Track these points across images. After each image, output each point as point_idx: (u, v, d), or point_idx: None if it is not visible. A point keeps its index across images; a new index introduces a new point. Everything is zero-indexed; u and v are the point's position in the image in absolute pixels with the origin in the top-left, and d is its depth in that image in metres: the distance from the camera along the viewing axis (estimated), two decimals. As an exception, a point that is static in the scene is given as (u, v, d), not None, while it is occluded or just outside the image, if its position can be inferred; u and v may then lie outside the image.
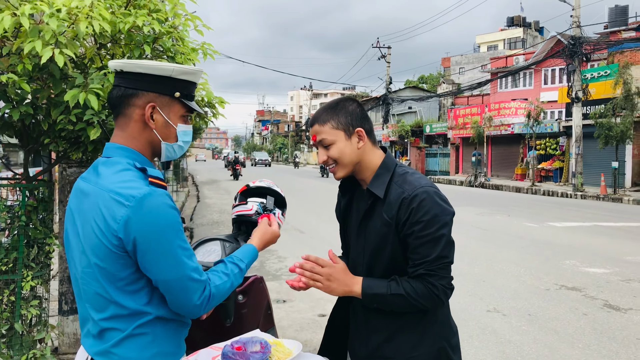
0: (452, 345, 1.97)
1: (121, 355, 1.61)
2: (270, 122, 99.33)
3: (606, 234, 11.70)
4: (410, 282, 1.85)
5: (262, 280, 2.99)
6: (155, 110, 1.69)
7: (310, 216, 14.09)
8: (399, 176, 1.92)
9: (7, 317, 3.31)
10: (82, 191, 1.67)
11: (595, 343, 5.10)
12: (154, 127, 1.70)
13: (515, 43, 57.21)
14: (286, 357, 1.99)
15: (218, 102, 4.39)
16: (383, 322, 1.94)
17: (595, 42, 24.44)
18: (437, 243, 1.81)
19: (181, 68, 1.71)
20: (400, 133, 41.17)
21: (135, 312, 1.61)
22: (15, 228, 3.33)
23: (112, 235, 1.55)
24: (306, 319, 5.80)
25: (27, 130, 3.37)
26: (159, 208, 1.57)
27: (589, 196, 21.47)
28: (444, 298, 1.85)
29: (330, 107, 1.97)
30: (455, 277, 1.93)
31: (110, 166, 1.65)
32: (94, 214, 1.59)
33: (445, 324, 1.97)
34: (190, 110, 1.78)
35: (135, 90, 1.68)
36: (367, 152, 1.96)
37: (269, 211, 2.83)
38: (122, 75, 1.70)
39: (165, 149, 1.75)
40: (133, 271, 1.59)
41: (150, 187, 1.60)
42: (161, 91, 1.69)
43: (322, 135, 1.93)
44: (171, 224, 1.58)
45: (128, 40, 3.04)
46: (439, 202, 1.84)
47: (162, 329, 1.66)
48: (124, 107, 1.69)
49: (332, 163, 1.95)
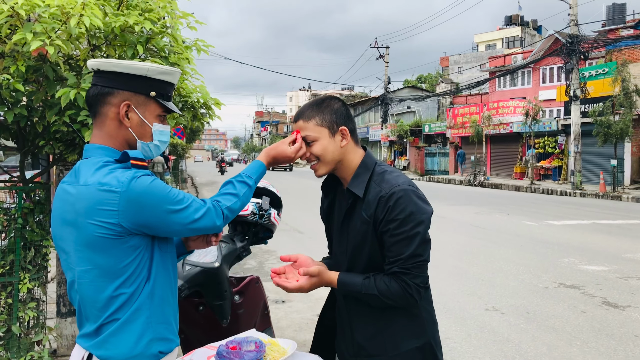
0: (436, 340, 1.99)
1: (117, 345, 1.65)
2: (269, 123, 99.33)
3: (605, 232, 11.71)
4: (385, 280, 1.86)
5: (259, 280, 2.99)
6: (131, 108, 1.73)
7: (309, 217, 14.07)
8: (378, 175, 1.94)
9: (5, 320, 3.32)
10: (67, 193, 1.69)
11: (593, 340, 5.10)
12: (129, 126, 1.73)
13: (514, 42, 57.22)
14: (281, 357, 1.99)
15: (214, 103, 4.39)
16: (367, 321, 1.96)
17: (593, 40, 24.43)
18: (411, 241, 1.82)
19: (157, 68, 1.75)
20: (399, 133, 41.17)
21: (126, 300, 1.66)
22: (12, 230, 3.34)
23: (110, 224, 1.60)
24: (305, 319, 5.81)
25: (22, 132, 3.38)
26: (147, 185, 1.63)
27: (588, 194, 21.48)
28: (417, 297, 1.86)
29: (315, 104, 1.99)
30: (453, 275, 1.94)
31: (89, 165, 1.68)
32: (86, 211, 1.62)
33: (429, 320, 1.98)
34: (167, 110, 1.81)
35: (110, 88, 1.71)
36: (349, 151, 1.98)
37: (264, 211, 2.84)
38: (99, 74, 1.73)
39: (141, 147, 1.78)
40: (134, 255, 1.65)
41: (134, 170, 1.65)
42: (136, 90, 1.73)
43: (306, 132, 1.95)
44: (162, 193, 1.65)
45: (122, 41, 3.05)
46: (416, 201, 1.85)
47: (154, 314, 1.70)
48: (100, 105, 1.73)
49: (314, 160, 1.97)
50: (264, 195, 2.90)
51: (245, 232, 2.89)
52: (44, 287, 3.63)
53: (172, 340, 1.76)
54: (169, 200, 1.65)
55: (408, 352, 1.91)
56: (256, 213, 2.82)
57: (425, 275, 1.88)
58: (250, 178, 1.89)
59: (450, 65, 57.73)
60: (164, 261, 1.75)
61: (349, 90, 71.56)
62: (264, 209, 2.84)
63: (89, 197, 1.61)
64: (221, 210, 1.76)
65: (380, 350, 1.93)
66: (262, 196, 2.89)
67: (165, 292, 1.75)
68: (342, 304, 2.05)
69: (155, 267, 1.71)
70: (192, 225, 1.69)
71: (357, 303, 1.96)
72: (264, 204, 2.86)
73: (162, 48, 3.28)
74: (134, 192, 1.60)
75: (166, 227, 1.67)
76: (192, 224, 1.69)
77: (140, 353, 1.66)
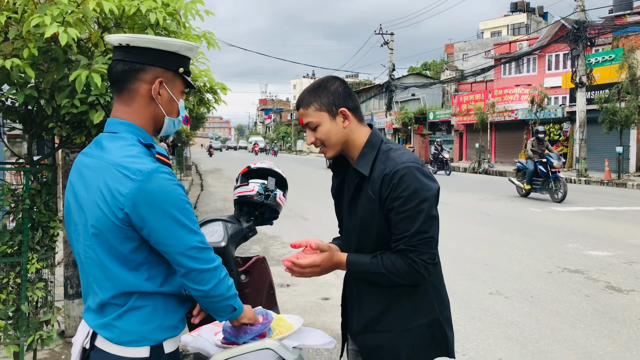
0: (445, 317, 2.00)
1: (122, 328, 1.64)
2: (273, 111, 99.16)
3: (610, 218, 11.70)
4: (392, 258, 1.87)
5: (265, 260, 3.01)
6: (162, 85, 1.72)
7: (314, 203, 14.12)
8: (383, 153, 1.94)
9: (14, 299, 3.36)
10: (86, 165, 1.68)
11: (596, 323, 5.13)
12: (160, 102, 1.73)
13: (519, 29, 56.75)
14: (287, 331, 2.02)
15: (220, 88, 4.40)
16: (375, 298, 1.97)
17: (600, 27, 24.22)
18: (416, 218, 1.83)
19: (186, 44, 1.76)
20: (403, 120, 41.04)
21: (135, 287, 1.63)
22: (19, 211, 3.37)
23: (117, 209, 1.57)
24: (310, 302, 5.85)
25: (30, 114, 3.40)
26: (165, 184, 1.60)
27: (593, 181, 21.42)
28: (424, 273, 1.87)
29: (313, 89, 1.98)
30: (458, 260, 1.95)
31: (115, 141, 1.67)
32: (99, 187, 1.60)
33: (437, 297, 1.99)
34: (189, 85, 1.82)
35: (142, 65, 1.70)
36: (354, 131, 1.98)
37: (270, 192, 2.86)
38: (128, 50, 1.71)
39: (167, 123, 1.78)
40: (134, 247, 1.62)
41: (157, 164, 1.63)
42: (167, 66, 1.73)
43: (308, 118, 1.96)
44: (177, 199, 1.61)
45: (132, 24, 3.05)
46: (420, 178, 1.85)
47: (163, 303, 1.69)
48: (130, 81, 1.70)
49: (320, 144, 1.98)
50: (270, 176, 2.92)
51: (251, 212, 2.91)
52: (52, 268, 3.67)
53: (178, 328, 1.74)
54: (181, 210, 1.61)
55: (416, 329, 1.93)
56: (262, 194, 2.84)
57: (432, 251, 1.88)
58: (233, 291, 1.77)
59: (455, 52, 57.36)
60: None
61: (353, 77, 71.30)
62: (269, 189, 2.86)
63: (105, 175, 1.59)
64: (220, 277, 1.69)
65: (389, 327, 1.94)
66: (268, 177, 2.91)
67: (172, 280, 1.71)
68: (351, 282, 2.07)
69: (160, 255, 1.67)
70: (190, 252, 1.61)
71: (367, 282, 1.98)
72: (269, 185, 2.88)
73: (173, 32, 3.29)
74: (150, 185, 1.56)
75: (163, 236, 1.59)
76: (191, 250, 1.61)
77: (144, 337, 1.65)
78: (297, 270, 1.93)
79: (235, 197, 2.92)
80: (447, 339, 1.98)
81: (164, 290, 1.68)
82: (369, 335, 1.99)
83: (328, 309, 5.55)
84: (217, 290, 1.69)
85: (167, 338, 1.70)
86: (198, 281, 1.65)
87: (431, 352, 1.94)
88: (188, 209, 1.64)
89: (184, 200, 1.63)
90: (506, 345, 4.61)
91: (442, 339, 1.97)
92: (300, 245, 2.02)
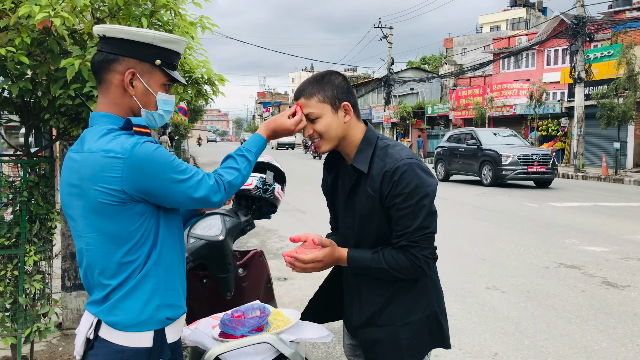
0: (441, 308, 2.04)
1: (126, 309, 1.67)
2: (272, 104, 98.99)
3: (606, 214, 11.73)
4: (393, 253, 1.89)
5: (262, 254, 3.02)
6: (135, 76, 1.72)
7: (311, 197, 14.12)
8: (381, 149, 1.94)
9: (11, 292, 3.36)
10: (74, 160, 1.70)
11: (592, 319, 5.15)
12: (133, 94, 1.73)
13: (518, 23, 56.67)
14: (285, 325, 2.03)
15: (218, 79, 4.37)
16: (375, 292, 1.98)
17: (599, 22, 24.20)
18: (418, 214, 1.85)
19: (162, 36, 1.73)
20: (401, 114, 41.02)
21: (138, 264, 1.67)
22: (17, 203, 3.36)
23: (115, 191, 1.60)
24: (307, 296, 5.84)
25: (27, 106, 3.38)
26: (150, 152, 1.63)
27: (590, 177, 21.47)
28: (426, 268, 1.89)
29: (316, 80, 1.96)
30: (455, 255, 1.97)
31: (94, 132, 1.69)
32: (90, 177, 1.63)
33: (434, 289, 2.03)
34: (172, 79, 1.80)
35: (116, 55, 1.71)
36: (352, 127, 1.97)
37: (268, 186, 2.86)
38: (105, 41, 1.72)
39: (146, 116, 1.78)
40: (140, 222, 1.66)
41: (137, 137, 1.65)
42: (142, 58, 1.72)
43: (309, 109, 1.94)
44: (166, 161, 1.65)
45: (126, 14, 3.04)
46: (420, 174, 1.87)
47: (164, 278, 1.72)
48: (105, 72, 1.72)
49: (317, 137, 1.96)
50: (268, 169, 2.92)
51: (249, 206, 2.91)
52: (49, 260, 3.66)
53: (179, 307, 1.77)
54: (172, 168, 1.66)
55: (415, 322, 1.96)
56: (260, 187, 2.84)
57: (433, 247, 1.91)
58: (250, 152, 1.88)
59: (454, 47, 57.29)
60: (170, 228, 1.77)
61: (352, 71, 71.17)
62: (267, 183, 2.86)
63: (93, 164, 1.62)
64: (223, 185, 1.76)
65: (389, 321, 1.96)
66: (266, 171, 2.91)
67: (172, 258, 1.76)
68: (350, 277, 2.07)
69: (162, 234, 1.72)
70: (194, 196, 1.69)
71: (366, 277, 1.99)
72: (267, 179, 2.87)
73: (167, 22, 3.27)
74: (137, 158, 1.60)
75: (168, 196, 1.67)
76: (195, 194, 1.69)
77: (148, 319, 1.68)
78: (299, 266, 1.93)
79: (233, 190, 2.92)
80: (443, 329, 2.02)
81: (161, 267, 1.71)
82: (369, 329, 2.00)
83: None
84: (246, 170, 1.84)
85: (169, 317, 1.72)
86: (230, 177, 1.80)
87: (429, 343, 1.99)
88: (177, 163, 1.68)
89: (171, 158, 1.67)
90: (502, 340, 4.63)
91: (438, 330, 2.01)
92: (299, 239, 2.01)
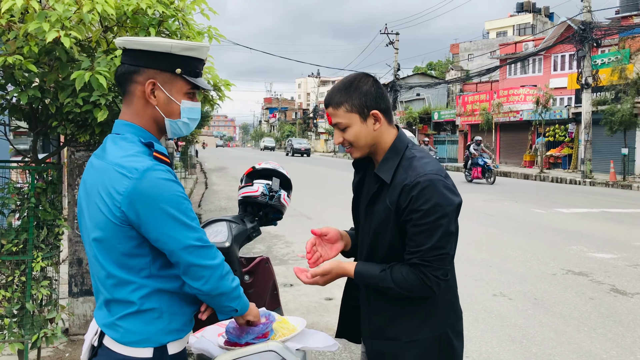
0: (455, 330, 1.94)
1: (126, 328, 1.66)
2: (278, 110, 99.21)
3: (614, 220, 11.65)
4: (403, 271, 1.82)
5: (268, 260, 3.02)
6: (157, 86, 1.72)
7: (318, 203, 14.12)
8: (407, 160, 1.87)
9: (18, 297, 3.37)
10: (93, 166, 1.72)
11: (601, 327, 5.11)
12: (155, 104, 1.73)
13: (525, 29, 56.58)
14: (290, 333, 2.02)
15: (224, 84, 4.38)
16: (385, 304, 1.92)
17: (606, 28, 24.12)
18: (434, 233, 1.76)
19: (181, 44, 1.72)
20: (408, 120, 41.02)
21: (137, 285, 1.65)
22: (25, 210, 3.38)
23: (115, 207, 1.59)
24: (313, 302, 5.85)
25: (35, 113, 3.41)
26: (160, 181, 1.60)
27: (598, 183, 21.35)
28: (435, 289, 1.81)
29: (344, 88, 1.90)
30: (461, 262, 1.93)
31: (116, 142, 1.70)
32: (99, 187, 1.64)
33: (449, 309, 1.93)
34: (195, 87, 1.79)
35: (136, 67, 1.71)
36: (383, 133, 1.91)
37: (274, 192, 2.86)
38: (126, 53, 1.74)
39: (170, 125, 1.77)
40: (134, 246, 1.63)
41: (154, 162, 1.63)
42: (162, 67, 1.72)
43: (337, 119, 1.89)
44: (173, 196, 1.61)
45: (134, 24, 3.06)
46: (442, 191, 1.78)
47: (168, 304, 1.69)
48: (128, 83, 1.73)
49: (348, 145, 1.92)
50: (274, 176, 2.92)
51: (255, 212, 2.91)
52: (56, 267, 3.68)
53: (183, 331, 1.75)
54: (177, 206, 1.61)
55: (423, 341, 1.87)
56: (266, 194, 2.84)
57: (446, 267, 1.82)
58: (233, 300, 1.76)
59: (460, 52, 57.22)
60: None
61: (358, 77, 71.11)
62: (274, 190, 2.86)
63: (105, 175, 1.63)
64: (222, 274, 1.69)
65: (396, 335, 1.90)
66: (273, 177, 2.91)
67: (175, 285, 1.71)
68: (362, 289, 2.02)
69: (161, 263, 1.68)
70: (188, 248, 1.61)
71: (375, 289, 1.94)
72: (274, 185, 2.88)
73: (174, 32, 3.29)
74: (145, 182, 1.57)
75: (160, 233, 1.59)
76: (190, 248, 1.61)
77: (147, 339, 1.66)
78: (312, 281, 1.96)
79: (240, 197, 2.92)
80: (455, 352, 1.92)
81: (167, 287, 1.68)
82: (376, 341, 1.95)
83: (331, 309, 5.54)
84: (219, 289, 1.68)
85: (171, 341, 1.70)
86: (197, 278, 1.65)
87: None
88: (185, 206, 1.64)
89: (180, 197, 1.63)
90: (509, 348, 4.60)
91: (450, 352, 1.91)
92: (321, 232, 2.04)
